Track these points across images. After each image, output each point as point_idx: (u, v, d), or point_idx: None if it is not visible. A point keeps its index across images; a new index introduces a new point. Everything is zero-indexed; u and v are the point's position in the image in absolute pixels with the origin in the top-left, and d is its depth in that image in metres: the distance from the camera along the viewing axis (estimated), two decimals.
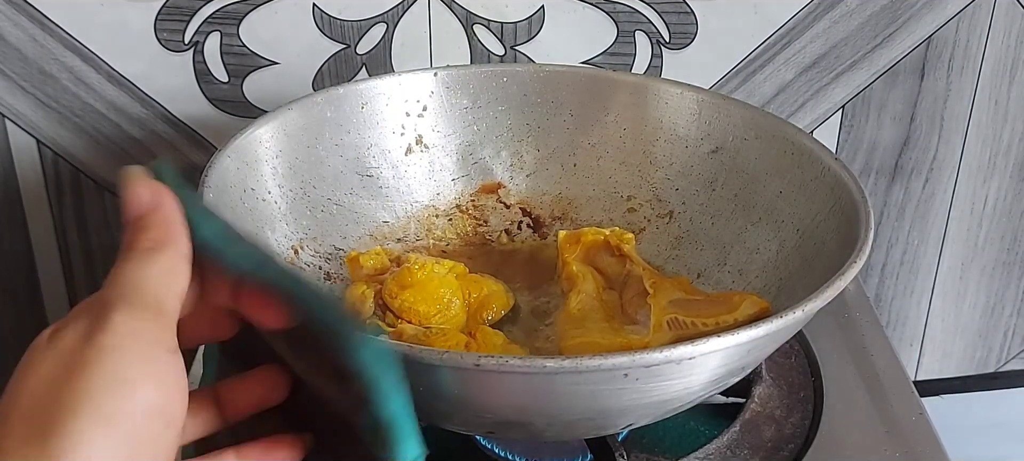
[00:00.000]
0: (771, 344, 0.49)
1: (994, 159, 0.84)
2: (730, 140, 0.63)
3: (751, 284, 0.58)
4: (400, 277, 0.58)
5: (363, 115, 0.66)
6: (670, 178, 0.65)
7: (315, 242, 0.63)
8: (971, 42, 0.79)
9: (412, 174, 0.67)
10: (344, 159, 0.65)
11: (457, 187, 0.69)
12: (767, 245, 0.59)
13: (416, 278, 0.57)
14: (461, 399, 0.45)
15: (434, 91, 0.68)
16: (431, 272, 0.58)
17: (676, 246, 0.64)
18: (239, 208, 0.58)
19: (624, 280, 0.59)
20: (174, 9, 0.73)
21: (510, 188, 0.69)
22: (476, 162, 0.69)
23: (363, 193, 0.66)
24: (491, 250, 0.68)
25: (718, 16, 0.76)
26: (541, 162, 0.69)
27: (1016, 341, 0.94)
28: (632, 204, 0.67)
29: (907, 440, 0.55)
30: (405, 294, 0.57)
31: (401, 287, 0.57)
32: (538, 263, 0.65)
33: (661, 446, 0.56)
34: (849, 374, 0.61)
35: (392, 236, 0.66)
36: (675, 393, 0.45)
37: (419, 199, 0.68)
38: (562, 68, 0.70)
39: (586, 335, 0.55)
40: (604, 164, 0.68)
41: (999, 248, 0.88)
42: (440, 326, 0.57)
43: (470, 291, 0.59)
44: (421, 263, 0.58)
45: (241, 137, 0.60)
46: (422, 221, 0.68)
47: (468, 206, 0.69)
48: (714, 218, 0.63)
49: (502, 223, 0.69)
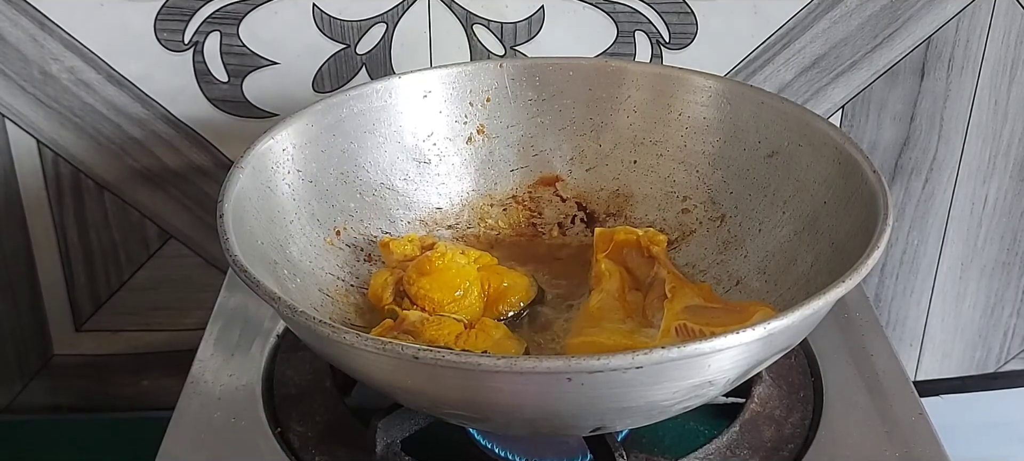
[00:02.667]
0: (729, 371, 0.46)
1: (994, 159, 0.84)
2: (785, 144, 0.62)
3: (783, 296, 0.58)
4: (420, 264, 0.59)
5: (425, 104, 0.67)
6: (727, 181, 0.65)
7: (361, 224, 0.64)
8: (971, 42, 0.79)
9: (471, 163, 0.68)
10: (401, 145, 0.66)
11: (515, 178, 0.69)
12: (804, 257, 0.58)
13: (434, 266, 0.59)
14: (413, 389, 0.47)
15: (499, 82, 0.68)
16: (450, 261, 0.59)
17: (722, 250, 0.64)
18: (282, 186, 0.60)
19: (651, 282, 0.60)
20: (174, 9, 0.73)
21: (568, 182, 0.69)
22: (537, 154, 0.69)
23: (418, 179, 0.67)
24: (540, 243, 0.68)
25: (718, 16, 0.76)
26: (601, 157, 0.69)
27: (1016, 341, 0.94)
28: (687, 205, 0.66)
29: (907, 440, 0.55)
30: (422, 281, 0.58)
31: (420, 274, 0.59)
32: (583, 259, 0.65)
33: (661, 446, 0.56)
34: (849, 374, 0.61)
35: (443, 222, 0.67)
36: (631, 402, 0.45)
37: (475, 187, 0.69)
38: (629, 64, 0.70)
39: (596, 334, 0.55)
40: (664, 163, 0.67)
41: (999, 248, 0.88)
42: (453, 314, 0.57)
43: (490, 282, 0.60)
44: (442, 251, 0.59)
45: (298, 118, 0.62)
46: (476, 209, 0.68)
47: (524, 197, 0.69)
48: (762, 225, 0.62)
49: (556, 216, 0.69)
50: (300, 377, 0.60)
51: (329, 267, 0.61)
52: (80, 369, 0.87)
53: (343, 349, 0.47)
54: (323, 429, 0.56)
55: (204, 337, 0.63)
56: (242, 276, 0.48)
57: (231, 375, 0.60)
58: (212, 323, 0.64)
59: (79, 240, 0.81)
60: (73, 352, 0.86)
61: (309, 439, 0.55)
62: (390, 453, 0.54)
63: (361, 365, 0.48)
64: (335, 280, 0.61)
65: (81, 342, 0.85)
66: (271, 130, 0.60)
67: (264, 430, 0.56)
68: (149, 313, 0.85)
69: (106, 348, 0.86)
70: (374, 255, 0.64)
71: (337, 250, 0.62)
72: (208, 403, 0.57)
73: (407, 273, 0.59)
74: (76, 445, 0.87)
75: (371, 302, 0.61)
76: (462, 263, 0.60)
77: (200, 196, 0.80)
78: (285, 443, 0.55)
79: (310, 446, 0.55)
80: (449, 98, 0.68)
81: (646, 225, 0.66)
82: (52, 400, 0.88)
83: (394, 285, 0.60)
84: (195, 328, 0.79)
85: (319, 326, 0.45)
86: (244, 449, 0.55)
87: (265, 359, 0.61)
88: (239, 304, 0.65)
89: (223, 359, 0.61)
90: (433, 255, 0.59)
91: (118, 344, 0.86)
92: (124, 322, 0.85)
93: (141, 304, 0.84)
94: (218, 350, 0.62)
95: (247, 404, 0.57)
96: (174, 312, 0.85)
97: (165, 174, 0.79)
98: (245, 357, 0.61)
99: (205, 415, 0.57)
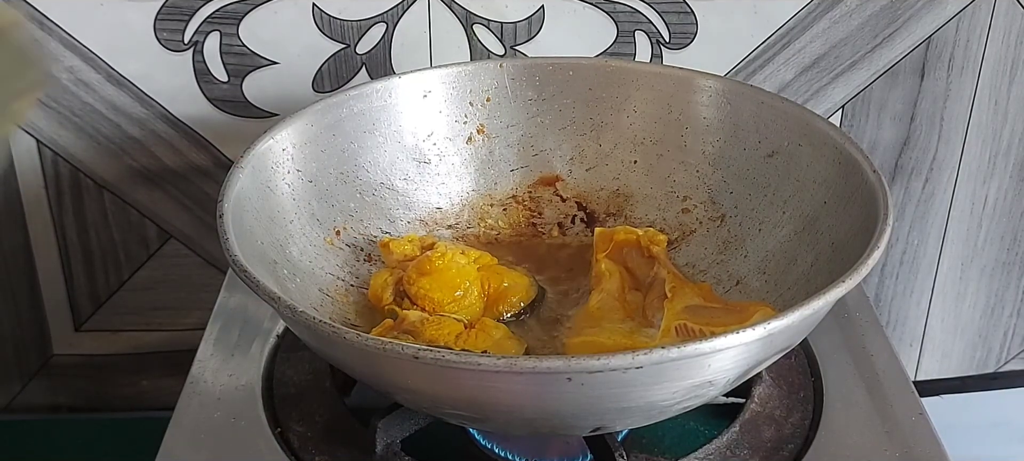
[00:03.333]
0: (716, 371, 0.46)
1: (994, 159, 0.84)
2: (785, 144, 0.62)
3: (783, 296, 0.58)
4: (420, 264, 0.59)
5: (425, 103, 0.67)
6: (727, 181, 0.65)
7: (361, 224, 0.64)
8: (971, 42, 0.79)
9: (471, 163, 0.68)
10: (401, 145, 0.66)
11: (515, 178, 0.69)
12: (804, 257, 0.58)
13: (435, 266, 0.59)
14: (413, 389, 0.47)
15: (499, 82, 0.68)
16: (450, 261, 0.59)
17: (722, 250, 0.64)
18: (282, 186, 0.60)
19: (651, 282, 0.60)
20: (174, 9, 0.73)
21: (568, 181, 0.69)
22: (537, 154, 0.69)
23: (418, 179, 0.67)
24: (540, 242, 0.68)
25: (718, 16, 0.76)
26: (602, 157, 0.69)
27: (1016, 341, 0.94)
28: (687, 205, 0.66)
29: (907, 440, 0.55)
30: (423, 281, 0.58)
31: (420, 274, 0.59)
32: (583, 259, 0.65)
33: (661, 446, 0.56)
34: (849, 374, 0.61)
35: (443, 222, 0.67)
36: (631, 402, 0.45)
37: (475, 187, 0.69)
38: (629, 64, 0.70)
39: (596, 334, 0.55)
40: (664, 163, 0.67)
41: (999, 248, 0.88)
42: (453, 314, 0.57)
43: (490, 282, 0.60)
44: (442, 251, 0.59)
45: (298, 118, 0.62)
46: (476, 209, 0.68)
47: (524, 197, 0.69)
48: (762, 225, 0.62)
49: (556, 216, 0.69)
50: (300, 377, 0.60)
51: (329, 267, 0.61)
52: (80, 369, 0.87)
53: (343, 349, 0.47)
54: (323, 429, 0.56)
55: (204, 337, 0.63)
56: (242, 276, 0.48)
57: (231, 375, 0.60)
58: (212, 323, 0.64)
59: (78, 240, 0.81)
60: (73, 352, 0.86)
61: (309, 439, 0.55)
62: (390, 453, 0.54)
63: (361, 365, 0.48)
64: (335, 280, 0.61)
65: (81, 342, 0.85)
66: (271, 130, 0.60)
67: (264, 430, 0.56)
68: (149, 313, 0.85)
69: (106, 348, 0.86)
70: (374, 255, 0.64)
71: (337, 250, 0.62)
72: (208, 403, 0.57)
73: (407, 273, 0.59)
74: (76, 445, 0.87)
75: (371, 302, 0.61)
76: (462, 263, 0.60)
77: (200, 196, 0.80)
78: (285, 443, 0.55)
79: (310, 446, 0.55)
80: (449, 98, 0.68)
81: (646, 225, 0.66)
82: (52, 400, 0.88)
83: (394, 285, 0.60)
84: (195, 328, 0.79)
85: (319, 326, 0.45)
86: (244, 449, 0.55)
87: (265, 359, 0.61)
88: (239, 304, 0.65)
89: (223, 359, 0.61)
90: (433, 255, 0.59)
91: (118, 344, 0.86)
92: (124, 322, 0.85)
93: (141, 304, 0.84)
94: (218, 350, 0.62)
95: (247, 404, 0.57)
96: (174, 312, 0.85)
97: (165, 174, 0.79)
98: (245, 357, 0.61)
99: (205, 415, 0.57)
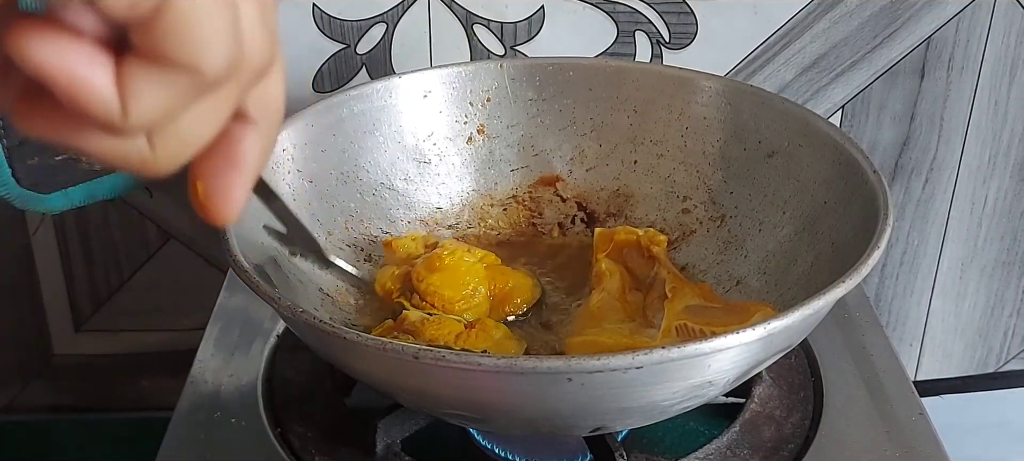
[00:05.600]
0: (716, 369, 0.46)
1: (994, 159, 0.84)
2: (785, 144, 0.62)
3: (783, 296, 0.58)
4: (429, 261, 0.59)
5: (425, 103, 0.67)
6: (727, 181, 0.65)
7: (362, 224, 0.64)
8: (971, 42, 0.79)
9: (471, 163, 0.68)
10: (401, 145, 0.66)
11: (515, 178, 0.69)
12: (804, 257, 0.58)
13: (444, 263, 0.58)
14: (413, 389, 0.47)
15: (500, 82, 0.68)
16: (460, 259, 0.59)
17: (722, 250, 0.64)
18: (281, 186, 0.60)
19: (651, 282, 0.60)
20: None
21: (568, 182, 0.69)
22: (537, 154, 0.69)
23: (418, 179, 0.67)
24: (540, 242, 0.68)
25: (718, 16, 0.76)
26: (602, 157, 0.69)
27: (1016, 341, 0.94)
28: (687, 205, 0.66)
29: (907, 440, 0.55)
30: (433, 278, 0.58)
31: (430, 271, 0.58)
32: (584, 259, 0.65)
33: (661, 446, 0.56)
34: (849, 374, 0.61)
35: (444, 222, 0.67)
36: (631, 402, 0.45)
37: (475, 187, 0.69)
38: (630, 64, 0.70)
39: (596, 334, 0.55)
40: (664, 163, 0.67)
41: (999, 248, 0.88)
42: (462, 312, 0.57)
43: (496, 282, 0.60)
44: (451, 249, 0.59)
45: (298, 119, 0.62)
46: (476, 209, 0.68)
47: (524, 197, 0.69)
48: (762, 225, 0.62)
49: (556, 216, 0.69)
50: (300, 377, 0.60)
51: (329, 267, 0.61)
52: (80, 369, 0.87)
53: (343, 349, 0.47)
54: (323, 429, 0.56)
55: (204, 337, 0.63)
56: (242, 276, 0.48)
57: (231, 375, 0.60)
58: (212, 323, 0.64)
59: (79, 240, 0.81)
60: (73, 352, 0.86)
61: (309, 439, 0.55)
62: (390, 453, 0.54)
63: (361, 365, 0.48)
64: (335, 280, 0.61)
65: (81, 342, 0.85)
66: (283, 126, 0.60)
67: (264, 430, 0.56)
68: (149, 313, 0.85)
69: (106, 348, 0.86)
70: (374, 255, 0.64)
71: (337, 250, 0.62)
72: (208, 403, 0.57)
73: (416, 269, 0.59)
74: (76, 445, 0.87)
75: (378, 295, 0.60)
76: (470, 261, 0.60)
77: None
78: (285, 443, 0.55)
79: (310, 446, 0.55)
80: (449, 98, 0.68)
81: (646, 225, 0.66)
82: (52, 400, 0.88)
83: (402, 279, 0.60)
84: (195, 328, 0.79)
85: (319, 326, 0.45)
86: (244, 449, 0.55)
87: (265, 359, 0.61)
88: (239, 304, 0.65)
89: (223, 359, 0.61)
90: (443, 252, 0.59)
91: (118, 344, 0.86)
92: (124, 322, 0.85)
93: (141, 304, 0.84)
94: (218, 350, 0.62)
95: (247, 404, 0.57)
96: (174, 312, 0.85)
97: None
98: (245, 357, 0.61)
99: (205, 415, 0.57)
